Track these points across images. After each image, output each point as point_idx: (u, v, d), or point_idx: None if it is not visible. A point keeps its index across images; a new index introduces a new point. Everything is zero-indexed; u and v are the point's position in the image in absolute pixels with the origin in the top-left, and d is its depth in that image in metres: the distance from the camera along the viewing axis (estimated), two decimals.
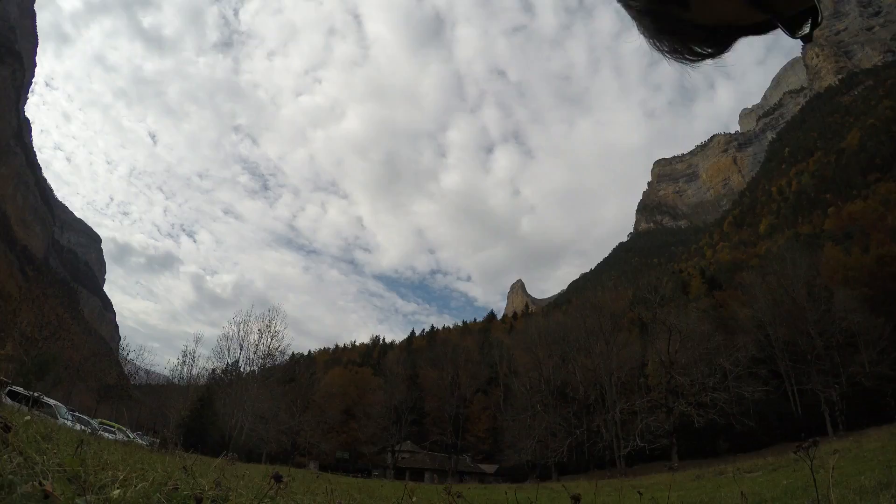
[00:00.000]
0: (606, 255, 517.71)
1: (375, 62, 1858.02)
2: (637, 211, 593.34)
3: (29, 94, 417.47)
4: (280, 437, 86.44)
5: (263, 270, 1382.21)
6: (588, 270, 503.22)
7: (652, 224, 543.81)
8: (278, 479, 4.61)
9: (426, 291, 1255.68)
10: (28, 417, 7.34)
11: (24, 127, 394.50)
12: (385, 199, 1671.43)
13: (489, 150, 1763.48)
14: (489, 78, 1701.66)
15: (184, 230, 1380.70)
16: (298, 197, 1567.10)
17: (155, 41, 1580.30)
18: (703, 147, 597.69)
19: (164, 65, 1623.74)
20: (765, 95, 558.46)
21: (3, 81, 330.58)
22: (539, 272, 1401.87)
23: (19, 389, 33.95)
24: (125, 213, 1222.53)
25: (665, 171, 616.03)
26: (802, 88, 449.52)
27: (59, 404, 37.84)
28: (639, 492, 8.85)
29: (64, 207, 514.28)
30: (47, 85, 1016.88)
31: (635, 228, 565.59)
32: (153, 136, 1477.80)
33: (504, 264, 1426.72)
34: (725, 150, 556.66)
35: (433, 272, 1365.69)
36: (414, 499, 5.30)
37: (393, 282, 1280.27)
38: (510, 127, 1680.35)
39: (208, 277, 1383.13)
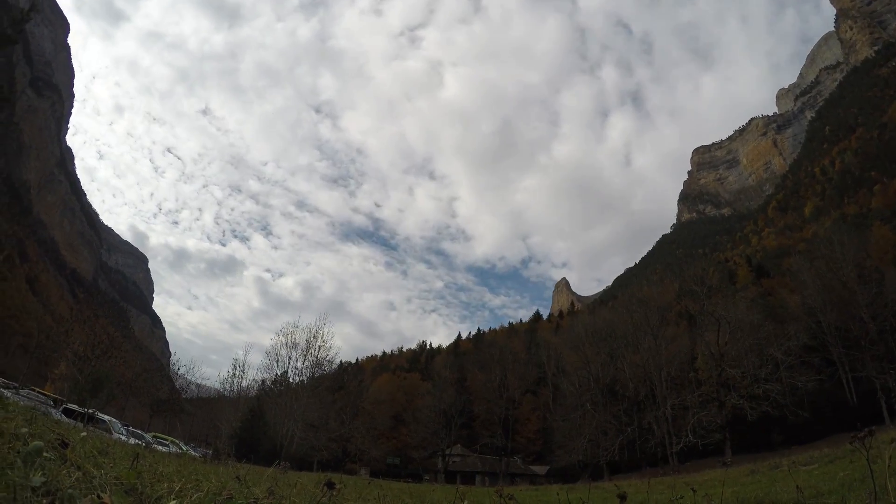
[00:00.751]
0: (650, 247, 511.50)
1: (486, 17, 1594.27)
2: (679, 201, 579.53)
3: (69, 124, 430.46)
4: (331, 444, 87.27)
5: (339, 269, 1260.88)
6: (633, 265, 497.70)
7: (694, 214, 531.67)
8: (331, 486, 4.65)
9: (518, 282, 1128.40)
10: (84, 433, 7.53)
11: (66, 156, 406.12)
12: (484, 177, 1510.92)
13: (605, 114, 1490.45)
14: (612, 32, 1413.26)
15: (248, 229, 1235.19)
16: (384, 183, 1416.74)
17: (227, 9, 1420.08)
18: (741, 131, 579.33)
19: (237, 36, 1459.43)
20: (800, 73, 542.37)
21: (43, 114, 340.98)
22: (645, 250, 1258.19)
23: (74, 407, 35.05)
24: (179, 215, 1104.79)
25: (704, 158, 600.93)
26: (839, 63, 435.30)
27: (114, 420, 38.81)
28: (692, 489, 8.77)
29: (110, 230, 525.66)
30: (94, 77, 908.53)
31: (678, 219, 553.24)
32: (217, 124, 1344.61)
33: (608, 245, 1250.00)
34: (764, 133, 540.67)
35: (526, 260, 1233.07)
36: (465, 502, 5.28)
37: (483, 273, 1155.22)
38: (629, 87, 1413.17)
39: (275, 280, 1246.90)
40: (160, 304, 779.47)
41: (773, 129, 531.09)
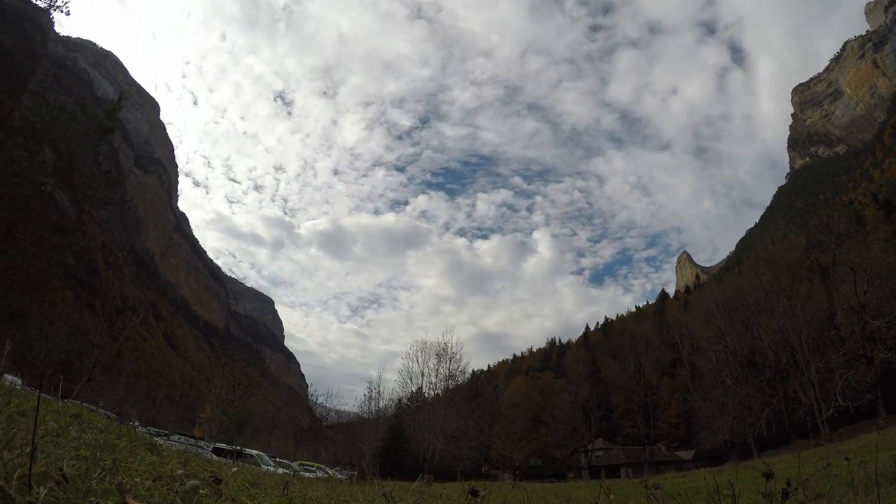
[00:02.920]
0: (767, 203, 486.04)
1: None
2: (788, 148, 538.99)
3: (178, 192, 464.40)
4: (472, 452, 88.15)
5: (577, 205, 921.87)
6: (753, 225, 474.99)
7: (807, 158, 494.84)
8: (475, 493, 4.71)
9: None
10: (235, 469, 7.92)
11: (181, 220, 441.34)
12: None
13: None
14: None
15: (438, 178, 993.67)
16: (649, 57, 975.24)
17: None
18: (837, 59, 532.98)
19: None
20: None
21: (153, 187, 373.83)
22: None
23: (223, 445, 37.06)
24: (336, 187, 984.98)
25: (805, 96, 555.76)
26: None
27: (261, 453, 40.67)
28: (846, 458, 8.28)
29: (234, 281, 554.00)
30: None
31: (791, 167, 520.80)
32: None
33: None
34: (862, 56, 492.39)
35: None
36: (611, 496, 5.21)
37: (767, 173, 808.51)
38: None
39: (473, 243, 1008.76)
40: (310, 316, 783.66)
41: (870, 48, 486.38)
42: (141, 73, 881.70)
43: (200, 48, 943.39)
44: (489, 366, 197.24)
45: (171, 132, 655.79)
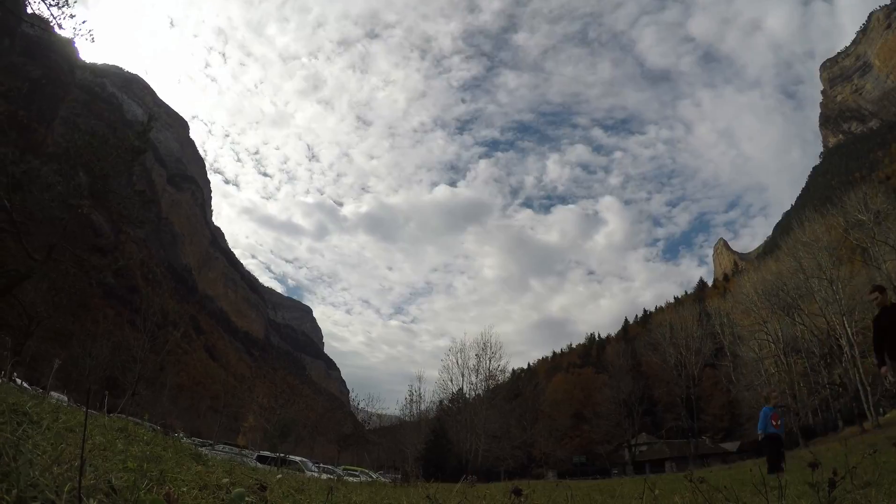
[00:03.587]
0: (803, 184, 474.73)
1: None
2: (820, 126, 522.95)
3: (211, 207, 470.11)
4: (515, 452, 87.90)
5: (649, 167, 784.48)
6: (789, 207, 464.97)
7: (840, 136, 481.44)
8: (518, 493, 4.69)
9: None
10: (280, 475, 8.01)
11: (216, 235, 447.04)
12: None
13: None
14: None
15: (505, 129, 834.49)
16: None
17: None
18: (863, 31, 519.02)
19: None
20: None
21: (187, 204, 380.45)
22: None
23: (267, 453, 37.56)
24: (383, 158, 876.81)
25: (834, 72, 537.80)
26: None
27: (305, 460, 41.05)
28: (894, 444, 8.07)
29: (271, 291, 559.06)
30: None
31: (824, 146, 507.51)
32: None
33: None
34: (889, 26, 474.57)
35: None
36: (656, 491, 5.15)
37: None
38: None
39: (540, 214, 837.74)
40: (353, 314, 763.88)
41: None
42: (161, 75, 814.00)
43: (223, 27, 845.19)
44: (529, 364, 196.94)
45: (197, 127, 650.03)
